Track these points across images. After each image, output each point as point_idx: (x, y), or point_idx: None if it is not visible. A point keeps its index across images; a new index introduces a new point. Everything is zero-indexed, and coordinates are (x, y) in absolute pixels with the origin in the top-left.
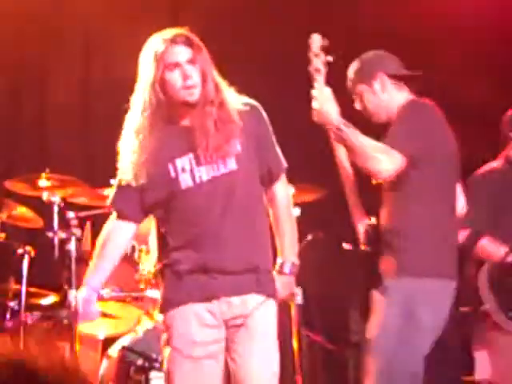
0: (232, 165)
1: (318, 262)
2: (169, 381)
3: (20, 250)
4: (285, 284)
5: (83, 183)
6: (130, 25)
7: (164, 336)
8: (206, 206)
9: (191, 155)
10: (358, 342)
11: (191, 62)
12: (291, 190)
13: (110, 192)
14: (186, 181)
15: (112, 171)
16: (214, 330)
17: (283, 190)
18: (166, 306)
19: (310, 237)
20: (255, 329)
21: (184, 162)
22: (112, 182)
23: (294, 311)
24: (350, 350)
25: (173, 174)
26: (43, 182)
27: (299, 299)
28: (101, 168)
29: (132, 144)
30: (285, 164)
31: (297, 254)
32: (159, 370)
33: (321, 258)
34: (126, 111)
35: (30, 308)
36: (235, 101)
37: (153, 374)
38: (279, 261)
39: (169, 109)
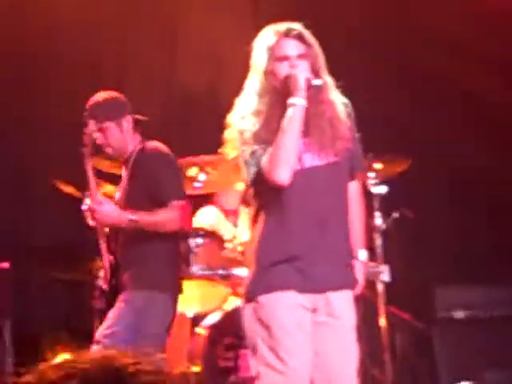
0: (335, 158)
1: (404, 239)
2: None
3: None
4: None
5: None
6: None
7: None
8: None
9: (301, 141)
10: (443, 318)
11: (301, 56)
12: (377, 165)
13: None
14: (306, 159)
15: (203, 150)
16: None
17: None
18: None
19: (396, 214)
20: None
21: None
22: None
23: (380, 289)
24: (436, 327)
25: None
26: None
27: (386, 277)
28: (191, 147)
29: (253, 123)
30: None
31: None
32: (248, 347)
33: (407, 234)
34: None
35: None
36: (339, 99)
37: (241, 352)
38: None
39: (278, 95)
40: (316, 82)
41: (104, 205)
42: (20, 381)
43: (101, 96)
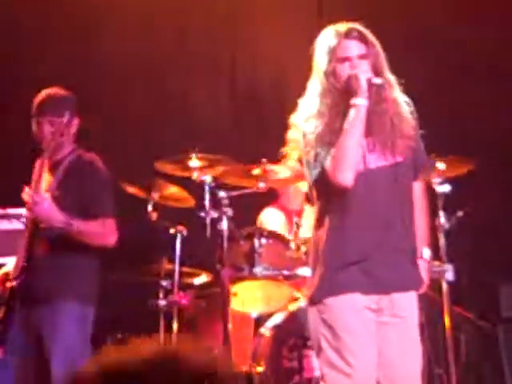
0: (399, 158)
1: (469, 238)
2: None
3: (172, 230)
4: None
5: (233, 162)
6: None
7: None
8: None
9: (364, 142)
10: (509, 317)
11: (362, 57)
12: (441, 165)
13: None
14: (369, 160)
15: (262, 150)
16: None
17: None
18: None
19: (460, 213)
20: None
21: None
22: (263, 160)
23: (444, 288)
24: (501, 327)
25: None
26: (193, 162)
27: (450, 276)
28: (251, 147)
29: (315, 125)
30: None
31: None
32: (312, 347)
33: (471, 234)
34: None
35: (183, 287)
36: (402, 97)
37: (306, 352)
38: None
39: (341, 96)
40: (376, 80)
41: (47, 199)
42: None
43: (60, 91)
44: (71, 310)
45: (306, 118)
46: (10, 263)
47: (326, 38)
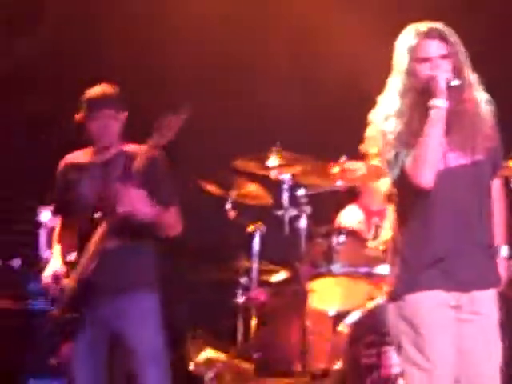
0: (478, 157)
1: None
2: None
3: (251, 228)
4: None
5: (313, 161)
6: None
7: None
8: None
9: (444, 140)
10: None
11: (443, 57)
12: None
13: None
14: (449, 159)
15: (342, 148)
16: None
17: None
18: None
19: None
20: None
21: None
22: (343, 158)
23: None
24: None
25: None
26: (273, 161)
27: None
28: (331, 145)
29: (395, 125)
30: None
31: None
32: (390, 344)
33: None
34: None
35: (261, 284)
36: (483, 98)
37: (384, 349)
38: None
39: (420, 96)
40: (454, 82)
41: (143, 193)
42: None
43: (112, 88)
44: (150, 299)
45: (385, 117)
46: (56, 259)
47: (407, 37)
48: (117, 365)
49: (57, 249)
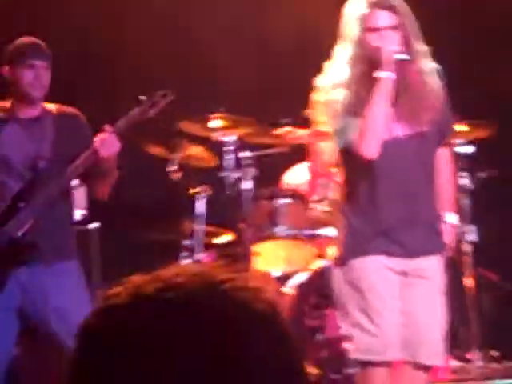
0: (425, 127)
1: (494, 199)
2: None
3: (195, 190)
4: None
5: (257, 123)
6: None
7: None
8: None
9: (390, 111)
10: None
11: (393, 28)
12: (464, 127)
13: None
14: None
15: (285, 111)
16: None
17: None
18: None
19: (482, 174)
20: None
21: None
22: (284, 121)
23: (467, 249)
24: None
25: None
26: (217, 122)
27: (473, 237)
28: (274, 107)
29: (343, 95)
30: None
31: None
32: (334, 307)
33: (496, 195)
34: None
35: (205, 247)
36: (431, 69)
37: (328, 311)
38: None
39: (369, 65)
40: (400, 56)
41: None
42: (109, 292)
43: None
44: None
45: (333, 85)
46: None
47: (357, 6)
48: None
49: None
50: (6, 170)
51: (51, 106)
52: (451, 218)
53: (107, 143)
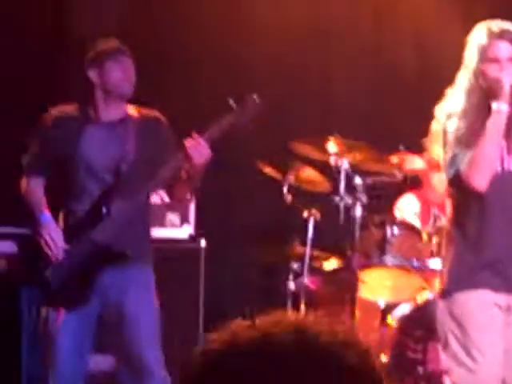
0: None
1: None
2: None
3: (306, 213)
4: None
5: (372, 149)
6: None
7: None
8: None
9: (503, 143)
10: None
11: None
12: None
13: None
14: (507, 162)
15: (401, 138)
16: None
17: None
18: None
19: None
20: None
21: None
22: (401, 148)
23: None
24: None
25: None
26: (332, 146)
27: None
28: (390, 134)
29: (457, 126)
30: None
31: None
32: (438, 340)
33: None
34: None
35: (313, 271)
36: None
37: (431, 345)
38: None
39: (486, 96)
40: (504, 87)
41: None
42: (209, 337)
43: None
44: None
45: (448, 115)
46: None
47: (479, 36)
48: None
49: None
50: (87, 174)
51: (133, 109)
52: None
53: (199, 151)
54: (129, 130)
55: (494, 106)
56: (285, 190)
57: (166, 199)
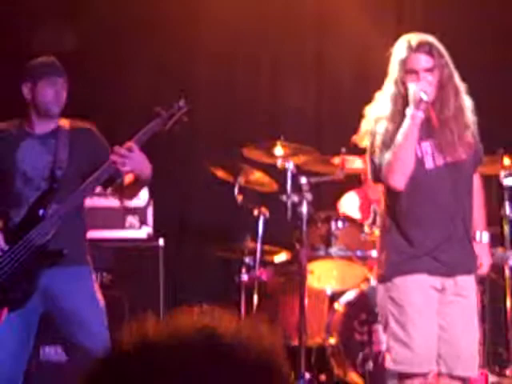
0: (459, 158)
1: None
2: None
3: (256, 212)
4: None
5: (315, 151)
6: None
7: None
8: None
9: (431, 142)
10: None
11: (428, 70)
12: (507, 160)
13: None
14: (428, 162)
15: (341, 141)
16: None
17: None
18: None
19: None
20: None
21: (426, 146)
22: (343, 150)
23: (507, 273)
24: None
25: (419, 154)
26: (278, 150)
27: None
28: (331, 137)
29: (384, 129)
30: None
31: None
32: (380, 323)
33: None
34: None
35: (264, 264)
36: (468, 106)
37: (375, 327)
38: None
39: (405, 103)
40: (424, 96)
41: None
42: (117, 339)
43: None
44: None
45: (377, 118)
46: None
47: (399, 49)
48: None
49: None
50: (24, 183)
51: (65, 121)
52: (485, 237)
53: (131, 156)
54: (60, 141)
55: (408, 112)
56: (236, 191)
57: (119, 203)
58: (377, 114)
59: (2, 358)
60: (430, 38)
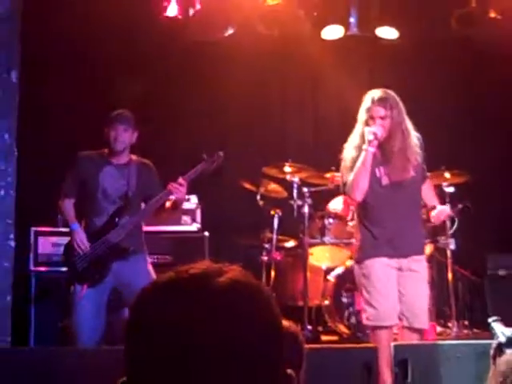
0: (408, 177)
1: (467, 222)
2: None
3: (272, 212)
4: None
5: (313, 169)
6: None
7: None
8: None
9: (381, 169)
10: (492, 275)
11: (383, 117)
12: (447, 174)
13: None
14: (384, 180)
15: (331, 162)
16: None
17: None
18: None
19: (460, 206)
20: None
21: (382, 169)
22: (332, 168)
23: (449, 254)
24: (487, 281)
25: (378, 174)
26: (287, 168)
27: (453, 246)
28: (324, 159)
29: (351, 156)
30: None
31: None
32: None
33: (468, 220)
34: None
35: (278, 249)
36: (416, 138)
37: (356, 293)
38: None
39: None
40: (370, 137)
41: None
42: (153, 281)
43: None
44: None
45: (347, 147)
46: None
47: (366, 101)
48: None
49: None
50: (105, 198)
51: (134, 156)
52: (441, 206)
53: (179, 190)
54: (132, 170)
55: (364, 147)
56: (258, 197)
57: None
58: (349, 145)
59: (86, 317)
60: (388, 92)
